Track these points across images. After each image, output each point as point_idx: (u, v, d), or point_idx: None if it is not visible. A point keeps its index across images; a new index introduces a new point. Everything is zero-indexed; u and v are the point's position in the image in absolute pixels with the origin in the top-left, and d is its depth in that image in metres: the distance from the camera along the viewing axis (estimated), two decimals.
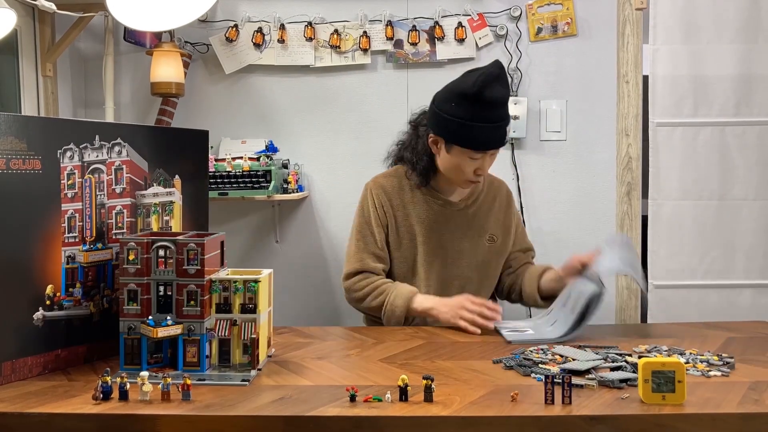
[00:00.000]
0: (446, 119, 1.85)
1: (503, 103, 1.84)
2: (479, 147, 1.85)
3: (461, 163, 1.89)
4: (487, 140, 1.85)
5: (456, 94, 1.84)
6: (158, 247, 1.42)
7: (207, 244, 1.43)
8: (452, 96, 1.85)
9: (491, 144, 1.86)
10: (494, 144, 1.87)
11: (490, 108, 1.81)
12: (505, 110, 1.86)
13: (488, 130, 1.83)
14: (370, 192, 2.03)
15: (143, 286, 1.42)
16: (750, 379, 1.40)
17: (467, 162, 1.88)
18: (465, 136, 1.84)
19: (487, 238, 2.04)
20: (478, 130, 1.82)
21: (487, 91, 1.79)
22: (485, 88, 1.79)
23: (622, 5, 2.63)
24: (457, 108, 1.83)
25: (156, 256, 1.42)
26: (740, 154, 2.49)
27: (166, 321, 1.41)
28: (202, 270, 1.42)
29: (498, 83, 1.82)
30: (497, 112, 1.83)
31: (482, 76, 1.81)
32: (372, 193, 2.02)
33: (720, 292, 2.53)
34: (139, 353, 1.42)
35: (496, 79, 1.81)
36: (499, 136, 1.85)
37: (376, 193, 2.02)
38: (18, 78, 2.56)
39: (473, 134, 1.83)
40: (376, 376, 1.44)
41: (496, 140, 1.86)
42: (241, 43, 2.78)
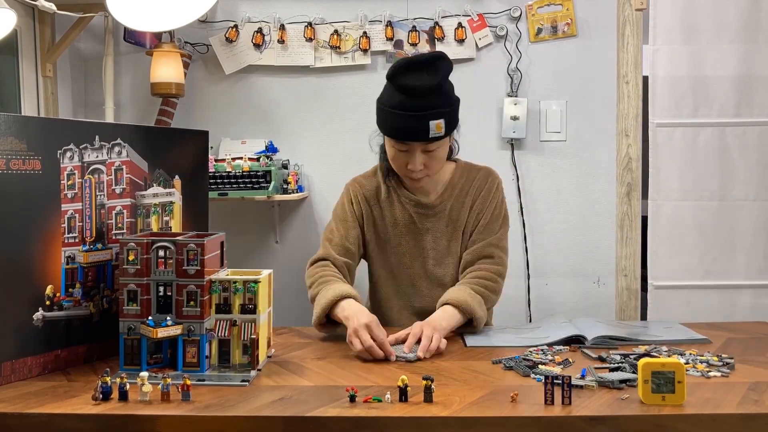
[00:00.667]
0: (377, 105, 1.82)
1: (423, 92, 1.71)
2: (396, 136, 1.77)
3: (393, 155, 1.83)
4: (404, 129, 1.74)
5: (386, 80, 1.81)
6: (158, 248, 1.42)
7: (207, 244, 1.43)
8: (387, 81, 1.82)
9: (407, 135, 1.75)
10: (411, 135, 1.75)
11: (406, 95, 1.72)
12: (428, 101, 1.72)
13: (403, 118, 1.73)
14: (348, 189, 2.00)
15: (143, 286, 1.42)
16: (750, 379, 1.40)
17: (396, 154, 1.81)
18: (383, 122, 1.80)
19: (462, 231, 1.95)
20: (393, 117, 1.75)
21: (403, 77, 1.72)
22: (400, 73, 1.73)
23: (622, 6, 2.63)
24: (383, 93, 1.81)
25: (156, 257, 1.42)
26: (740, 154, 2.49)
27: (165, 321, 1.41)
28: (201, 270, 1.42)
29: (423, 71, 1.73)
30: (415, 102, 1.71)
31: (404, 61, 1.75)
32: (350, 190, 1.99)
33: (720, 292, 2.53)
34: (138, 354, 1.42)
35: (421, 66, 1.73)
36: (416, 127, 1.73)
37: (353, 190, 1.98)
38: (18, 78, 2.56)
39: (390, 122, 1.77)
40: (375, 376, 1.44)
41: (414, 132, 1.74)
42: (241, 43, 2.78)
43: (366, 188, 1.98)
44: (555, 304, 2.77)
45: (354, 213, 1.96)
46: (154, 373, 1.38)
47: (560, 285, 2.79)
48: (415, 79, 1.72)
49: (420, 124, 1.73)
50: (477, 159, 2.10)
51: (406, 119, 1.73)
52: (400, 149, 1.80)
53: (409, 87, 1.72)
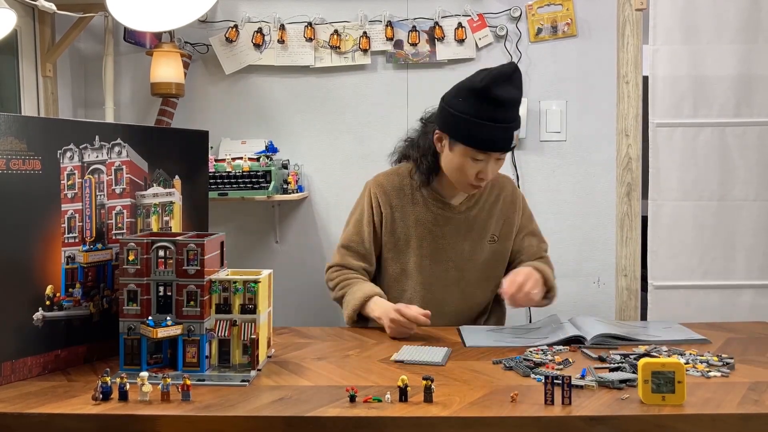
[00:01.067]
0: (452, 114, 1.80)
1: (512, 104, 1.78)
2: (482, 146, 1.78)
3: (464, 164, 1.82)
4: (491, 140, 1.78)
5: (464, 90, 1.79)
6: (158, 248, 1.42)
7: (207, 244, 1.43)
8: (460, 92, 1.80)
9: (495, 145, 1.79)
10: (498, 146, 1.79)
11: (497, 107, 1.75)
12: (514, 112, 1.79)
13: (493, 129, 1.76)
14: (368, 190, 2.00)
15: (143, 286, 1.42)
16: (750, 379, 1.40)
17: (470, 163, 1.82)
18: (468, 133, 1.78)
19: (488, 239, 1.99)
20: (482, 129, 1.76)
21: (496, 88, 1.74)
22: (494, 85, 1.74)
23: (622, 6, 2.63)
24: (463, 104, 1.78)
25: (156, 257, 1.42)
26: (740, 154, 2.49)
27: (165, 321, 1.40)
28: (201, 270, 1.42)
29: (510, 84, 1.76)
30: (504, 113, 1.76)
31: (493, 73, 1.76)
32: (370, 191, 1.99)
33: (720, 292, 2.53)
34: (138, 354, 1.42)
35: (508, 78, 1.76)
36: (504, 138, 1.78)
37: (374, 192, 1.98)
38: (18, 78, 2.56)
39: (477, 132, 1.77)
40: (375, 376, 1.44)
41: (501, 142, 1.79)
42: (241, 43, 2.78)
43: (386, 187, 1.98)
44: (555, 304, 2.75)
45: (372, 216, 1.97)
46: (154, 373, 1.38)
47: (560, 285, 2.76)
48: (507, 92, 1.76)
49: (507, 135, 1.79)
50: None
51: (496, 130, 1.77)
52: (477, 158, 1.81)
53: (504, 99, 1.75)
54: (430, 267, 1.96)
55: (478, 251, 1.98)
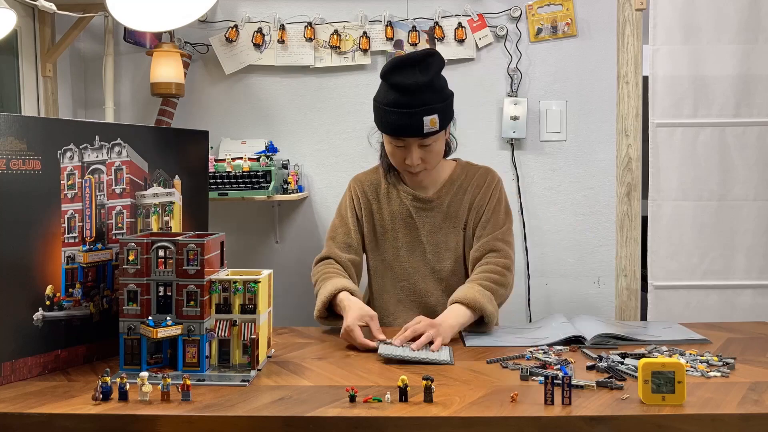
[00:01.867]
0: (374, 103, 1.86)
1: (415, 89, 1.76)
2: (391, 132, 1.83)
3: (392, 152, 1.88)
4: (397, 126, 1.80)
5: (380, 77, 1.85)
6: (158, 248, 1.42)
7: (207, 244, 1.43)
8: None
9: (402, 131, 1.80)
10: (406, 132, 1.79)
11: (399, 93, 1.77)
12: (421, 98, 1.76)
13: (397, 115, 1.78)
14: (349, 186, 2.07)
15: (143, 286, 1.42)
16: (750, 379, 1.40)
17: (394, 150, 1.87)
18: (381, 120, 1.84)
19: (462, 227, 1.98)
20: (389, 114, 1.80)
21: (396, 75, 1.77)
22: (393, 72, 1.78)
23: (622, 6, 2.63)
24: (378, 91, 1.85)
25: (156, 257, 1.42)
26: (740, 154, 2.49)
27: (165, 321, 1.41)
28: (202, 270, 1.42)
29: (415, 68, 1.77)
30: (407, 99, 1.76)
31: (396, 60, 1.80)
32: (351, 186, 2.06)
33: (720, 292, 2.53)
34: (138, 354, 1.42)
35: (413, 64, 1.78)
36: (410, 124, 1.77)
37: (354, 187, 2.05)
38: (18, 78, 2.56)
39: (386, 119, 1.82)
40: (375, 376, 1.44)
41: (408, 128, 1.78)
42: (241, 43, 2.78)
43: (365, 183, 2.04)
44: (555, 304, 2.77)
45: (354, 209, 2.02)
46: (154, 373, 1.38)
47: (560, 285, 2.79)
48: (407, 77, 1.77)
49: (414, 121, 1.78)
50: (477, 159, 2.10)
51: (401, 116, 1.78)
52: (398, 145, 1.85)
53: (402, 85, 1.77)
54: (408, 258, 1.98)
55: (452, 240, 1.97)
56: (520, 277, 2.78)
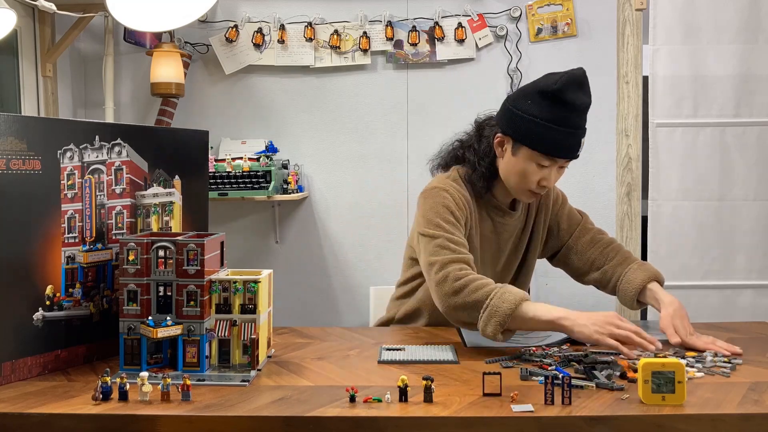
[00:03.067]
0: (519, 116, 1.71)
1: (584, 110, 1.70)
2: (550, 152, 1.70)
3: (526, 169, 1.73)
4: (559, 146, 1.70)
5: (535, 92, 1.70)
6: (158, 248, 1.42)
7: (207, 244, 1.43)
8: (530, 93, 1.71)
9: (563, 151, 1.71)
10: (566, 152, 1.71)
11: (570, 111, 1.68)
12: (584, 119, 1.72)
13: (563, 134, 1.68)
14: (445, 192, 1.78)
15: (143, 286, 1.42)
16: (750, 379, 1.40)
17: (533, 169, 1.73)
18: (537, 137, 1.69)
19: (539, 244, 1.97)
20: (552, 133, 1.68)
21: (570, 92, 1.67)
22: (568, 89, 1.67)
23: (622, 6, 2.63)
24: (533, 106, 1.69)
25: (156, 257, 1.42)
26: (740, 154, 2.49)
27: (165, 321, 1.40)
28: (202, 270, 1.42)
29: (581, 88, 1.70)
30: (576, 118, 1.69)
31: (566, 76, 1.68)
32: (449, 192, 1.78)
33: (720, 292, 2.53)
34: (138, 354, 1.42)
35: (580, 83, 1.69)
36: (572, 144, 1.71)
37: (453, 193, 1.78)
38: (18, 78, 2.56)
39: (546, 136, 1.68)
40: (375, 376, 1.44)
41: (569, 148, 1.71)
42: (241, 43, 2.78)
43: (462, 193, 1.81)
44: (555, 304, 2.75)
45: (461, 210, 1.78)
46: (154, 373, 1.38)
47: (560, 285, 2.79)
48: (581, 97, 1.69)
49: (576, 141, 1.72)
50: None
51: (566, 136, 1.69)
52: (542, 164, 1.73)
53: (578, 104, 1.68)
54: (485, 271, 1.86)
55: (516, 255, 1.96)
56: None
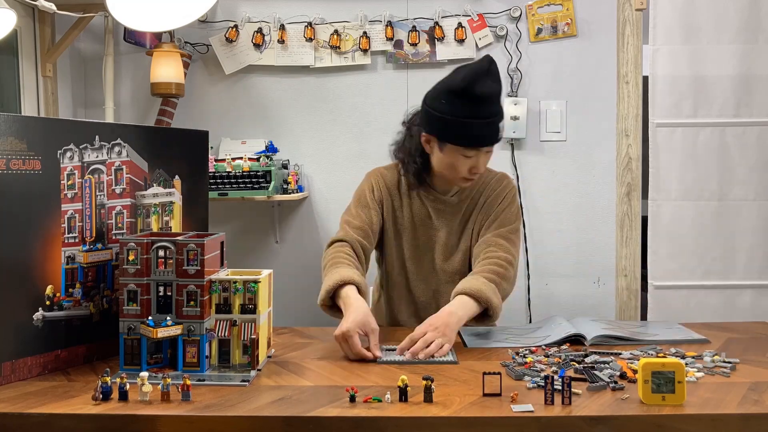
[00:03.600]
0: (437, 117, 1.80)
1: (494, 98, 1.79)
2: (472, 144, 1.80)
3: (455, 162, 1.83)
4: (479, 137, 1.80)
5: (446, 92, 1.80)
6: (158, 248, 1.42)
7: (207, 244, 1.43)
8: (442, 93, 1.81)
9: (484, 141, 1.81)
10: (487, 141, 1.81)
11: (481, 103, 1.76)
12: (497, 106, 1.80)
13: (479, 126, 1.78)
14: (369, 177, 2.02)
15: (143, 286, 1.42)
16: (750, 379, 1.40)
17: (461, 160, 1.83)
18: (457, 133, 1.79)
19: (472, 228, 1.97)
20: (469, 127, 1.77)
21: (477, 86, 1.75)
22: (474, 83, 1.75)
23: (622, 6, 2.63)
24: (447, 105, 1.79)
25: (156, 257, 1.42)
26: (740, 154, 2.49)
27: (165, 321, 1.41)
28: (202, 270, 1.42)
29: (488, 78, 1.77)
30: (488, 108, 1.78)
31: (471, 71, 1.77)
32: (371, 178, 2.01)
33: (720, 292, 2.53)
34: (138, 353, 1.42)
35: (485, 73, 1.77)
36: (491, 132, 1.80)
37: (375, 179, 2.00)
38: (18, 78, 2.56)
39: (465, 131, 1.78)
40: (375, 376, 1.44)
41: (489, 137, 1.81)
42: (241, 43, 2.78)
43: (387, 178, 2.00)
44: (555, 304, 2.77)
45: (374, 200, 1.97)
46: (154, 373, 1.38)
47: (560, 285, 2.79)
48: (487, 87, 1.76)
49: (493, 129, 1.81)
50: None
51: (483, 127, 1.78)
52: (468, 155, 1.82)
53: (485, 95, 1.76)
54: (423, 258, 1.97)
55: (464, 242, 1.97)
56: (520, 277, 2.78)
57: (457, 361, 1.54)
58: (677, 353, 1.57)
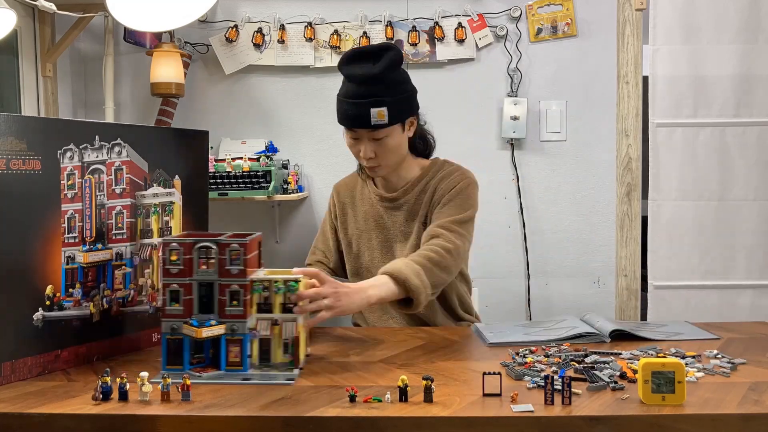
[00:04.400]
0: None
1: (365, 80, 1.77)
2: (341, 122, 1.85)
3: (348, 144, 1.89)
4: (347, 116, 1.81)
5: None
6: (200, 248, 1.42)
7: (249, 244, 1.44)
8: None
9: (351, 122, 1.81)
10: (354, 122, 1.80)
11: (352, 83, 1.79)
12: (369, 89, 1.77)
13: (348, 105, 1.80)
14: (331, 195, 2.11)
15: (185, 286, 1.42)
16: (750, 379, 1.40)
17: (350, 142, 1.88)
18: (337, 111, 1.85)
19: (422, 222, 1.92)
20: (343, 106, 1.82)
21: (349, 66, 1.80)
22: (347, 62, 1.80)
23: (622, 6, 2.63)
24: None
25: (197, 257, 1.42)
26: (740, 154, 2.50)
27: (209, 321, 1.41)
28: (244, 270, 1.43)
29: (370, 61, 1.78)
30: (357, 89, 1.78)
31: (351, 51, 1.83)
32: (331, 195, 2.10)
33: (720, 292, 2.53)
34: (181, 353, 1.42)
35: (367, 56, 1.80)
36: (359, 114, 1.78)
37: (333, 195, 2.09)
38: (18, 78, 2.56)
39: (339, 108, 1.84)
40: (375, 376, 1.44)
41: (357, 119, 1.79)
42: (241, 43, 2.78)
43: (342, 188, 2.07)
44: (555, 304, 2.77)
45: (331, 218, 2.07)
46: (197, 373, 1.40)
47: (560, 285, 2.79)
48: (358, 68, 1.79)
49: (362, 112, 1.79)
50: (477, 159, 2.11)
51: (351, 106, 1.80)
52: (352, 137, 1.86)
53: (353, 75, 1.79)
54: (382, 259, 1.93)
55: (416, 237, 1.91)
56: (520, 277, 2.78)
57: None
58: (677, 353, 1.57)
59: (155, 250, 1.66)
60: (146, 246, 1.65)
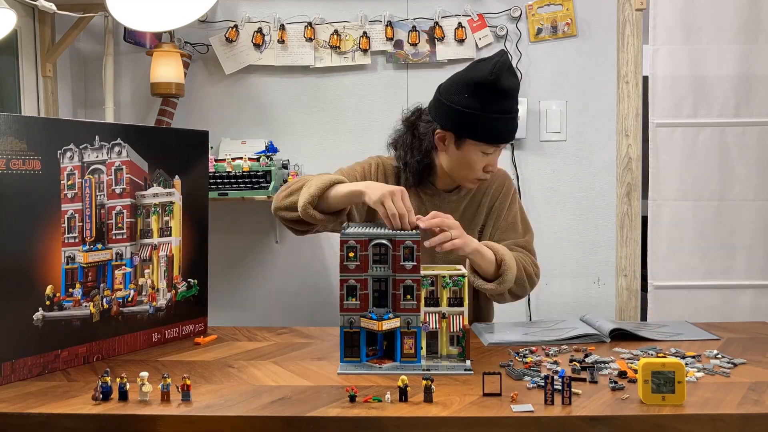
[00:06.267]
0: (459, 111, 1.72)
1: (516, 92, 1.75)
2: (495, 140, 1.74)
3: (472, 159, 1.76)
4: (503, 132, 1.75)
5: (470, 84, 1.71)
6: (375, 245, 1.47)
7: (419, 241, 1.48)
8: (465, 86, 1.72)
9: (507, 137, 1.76)
10: (510, 137, 1.77)
11: (506, 98, 1.71)
12: (517, 101, 1.77)
13: (504, 121, 1.73)
14: (370, 161, 1.94)
15: (361, 281, 1.47)
16: (750, 379, 1.40)
17: (478, 157, 1.76)
18: (481, 128, 1.72)
19: (479, 229, 1.93)
20: (494, 122, 1.71)
21: (504, 79, 1.69)
22: (502, 76, 1.68)
23: (622, 6, 2.63)
24: (470, 99, 1.70)
25: (372, 254, 1.47)
26: (740, 154, 2.49)
27: (387, 315, 1.46)
28: (417, 266, 1.47)
29: (510, 72, 1.72)
30: (513, 103, 1.74)
31: (498, 64, 1.69)
32: (372, 162, 1.93)
33: (720, 292, 2.53)
34: (358, 346, 1.48)
35: (509, 67, 1.72)
36: (514, 127, 1.76)
37: (376, 164, 1.92)
38: (18, 78, 2.56)
39: (490, 126, 1.72)
40: (375, 376, 1.44)
41: (511, 132, 1.77)
42: (241, 43, 2.78)
43: (388, 169, 1.92)
44: (555, 304, 2.77)
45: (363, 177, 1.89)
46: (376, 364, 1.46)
47: (560, 285, 2.79)
48: (513, 81, 1.73)
49: (516, 123, 1.78)
50: None
51: (507, 122, 1.75)
52: (487, 152, 1.77)
53: (513, 89, 1.73)
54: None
55: None
56: None
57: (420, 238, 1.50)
58: (677, 353, 1.57)
59: (155, 250, 1.66)
60: (146, 246, 1.65)
